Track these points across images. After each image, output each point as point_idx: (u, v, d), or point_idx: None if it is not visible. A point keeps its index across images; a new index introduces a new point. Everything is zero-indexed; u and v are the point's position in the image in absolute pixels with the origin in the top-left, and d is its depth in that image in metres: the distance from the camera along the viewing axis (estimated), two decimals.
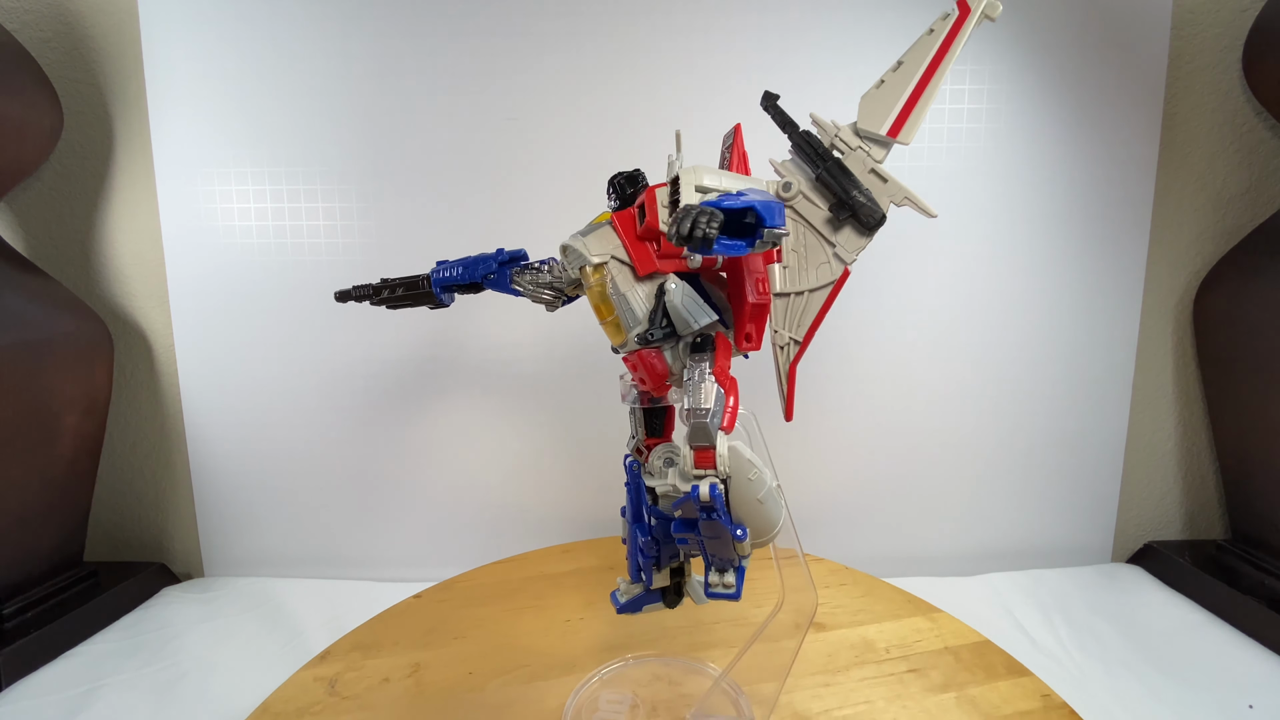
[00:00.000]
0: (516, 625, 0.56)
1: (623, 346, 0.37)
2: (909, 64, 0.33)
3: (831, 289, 0.35)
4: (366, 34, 0.66)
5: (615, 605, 0.44)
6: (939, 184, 0.67)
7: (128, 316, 0.71)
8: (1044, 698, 0.46)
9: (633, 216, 0.35)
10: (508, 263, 0.41)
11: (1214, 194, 0.70)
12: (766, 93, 0.37)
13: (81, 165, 0.69)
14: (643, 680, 0.48)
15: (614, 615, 0.53)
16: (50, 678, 0.55)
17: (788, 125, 0.36)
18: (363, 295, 0.45)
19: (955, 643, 0.52)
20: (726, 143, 0.38)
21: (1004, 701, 0.45)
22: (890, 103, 0.33)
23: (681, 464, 0.33)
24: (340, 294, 0.46)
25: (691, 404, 0.32)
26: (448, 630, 0.55)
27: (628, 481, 0.42)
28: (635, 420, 0.42)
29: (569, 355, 0.70)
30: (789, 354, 0.36)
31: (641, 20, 0.66)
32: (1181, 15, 0.67)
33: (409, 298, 0.44)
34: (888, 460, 0.72)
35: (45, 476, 0.61)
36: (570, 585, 0.62)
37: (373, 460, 0.72)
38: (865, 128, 0.34)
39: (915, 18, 0.65)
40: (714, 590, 0.35)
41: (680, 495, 0.33)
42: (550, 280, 0.40)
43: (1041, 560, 0.73)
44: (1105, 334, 0.71)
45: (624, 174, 0.36)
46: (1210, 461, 0.74)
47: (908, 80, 0.33)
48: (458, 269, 0.42)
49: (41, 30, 0.66)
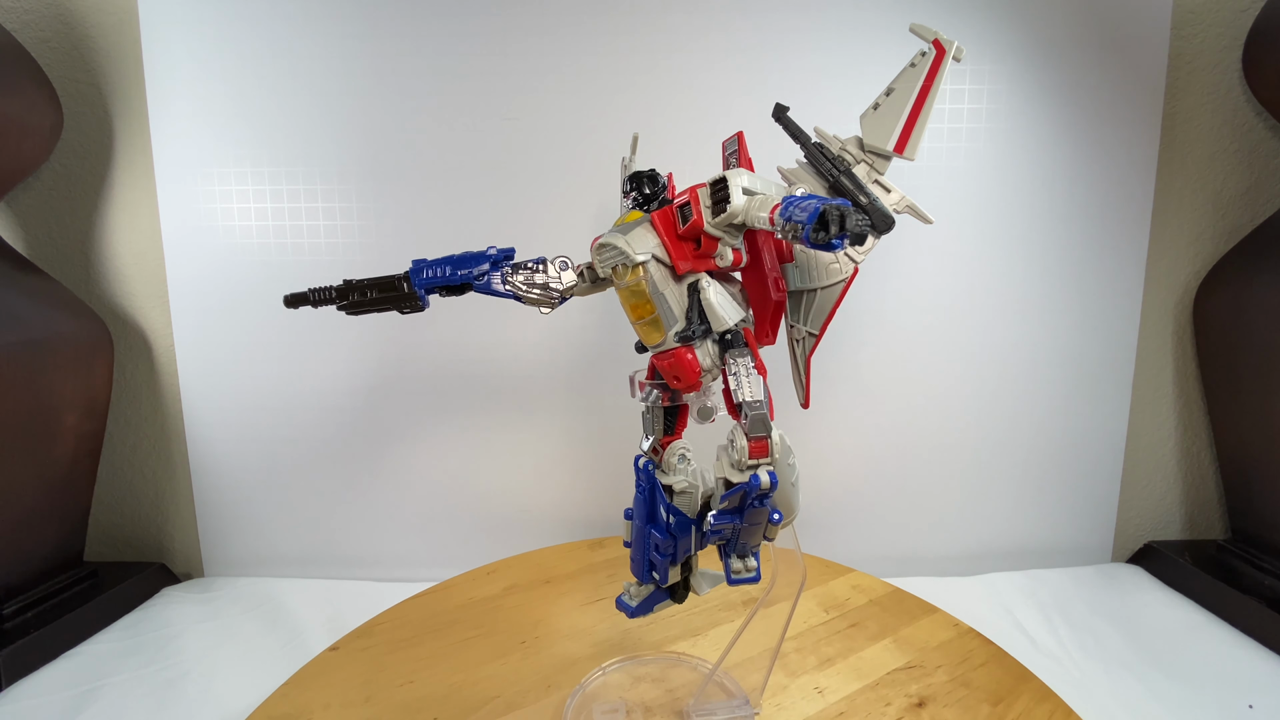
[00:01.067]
0: (466, 656, 0.52)
1: (659, 345, 0.37)
2: (900, 90, 0.36)
3: (844, 285, 0.38)
4: (366, 34, 0.66)
5: (626, 611, 0.43)
6: (939, 184, 0.67)
7: (128, 316, 0.71)
8: (954, 626, 0.56)
9: (671, 216, 0.36)
10: (500, 261, 0.39)
11: (1214, 194, 0.70)
12: (778, 104, 0.39)
13: (81, 165, 0.69)
14: (626, 685, 0.48)
15: (572, 628, 0.55)
16: (50, 678, 0.55)
17: (799, 136, 0.38)
18: (323, 299, 0.39)
19: (878, 594, 0.61)
20: (730, 149, 0.39)
21: (929, 636, 0.54)
22: (892, 123, 0.36)
23: (735, 455, 0.34)
24: (292, 298, 0.39)
25: (745, 397, 0.34)
26: (387, 680, 0.49)
27: (640, 484, 0.41)
28: (653, 420, 0.41)
29: (570, 355, 0.70)
30: (806, 346, 0.39)
31: (642, 20, 0.66)
32: (1181, 15, 0.67)
33: (384, 300, 0.39)
34: (887, 460, 0.72)
35: (45, 476, 0.61)
36: (511, 607, 0.59)
37: (373, 460, 0.72)
38: (872, 144, 0.37)
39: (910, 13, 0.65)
40: (738, 576, 0.36)
41: (734, 487, 0.33)
42: (545, 280, 0.39)
43: (1041, 560, 0.73)
44: (1105, 334, 0.71)
45: (643, 173, 0.37)
46: (1210, 461, 0.74)
47: (903, 104, 0.36)
48: (444, 268, 0.39)
49: (41, 30, 0.66)
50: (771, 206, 0.31)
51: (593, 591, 0.61)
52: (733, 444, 0.34)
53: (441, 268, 0.39)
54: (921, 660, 0.51)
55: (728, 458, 0.35)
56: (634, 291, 0.35)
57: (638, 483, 0.41)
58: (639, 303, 0.36)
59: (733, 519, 0.34)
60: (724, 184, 0.33)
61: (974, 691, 0.47)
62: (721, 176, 0.34)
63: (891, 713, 0.45)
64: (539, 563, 0.67)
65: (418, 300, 0.39)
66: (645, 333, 0.37)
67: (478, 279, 0.39)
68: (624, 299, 0.36)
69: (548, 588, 0.62)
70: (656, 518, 0.40)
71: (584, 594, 0.61)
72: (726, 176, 0.33)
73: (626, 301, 0.36)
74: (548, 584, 0.63)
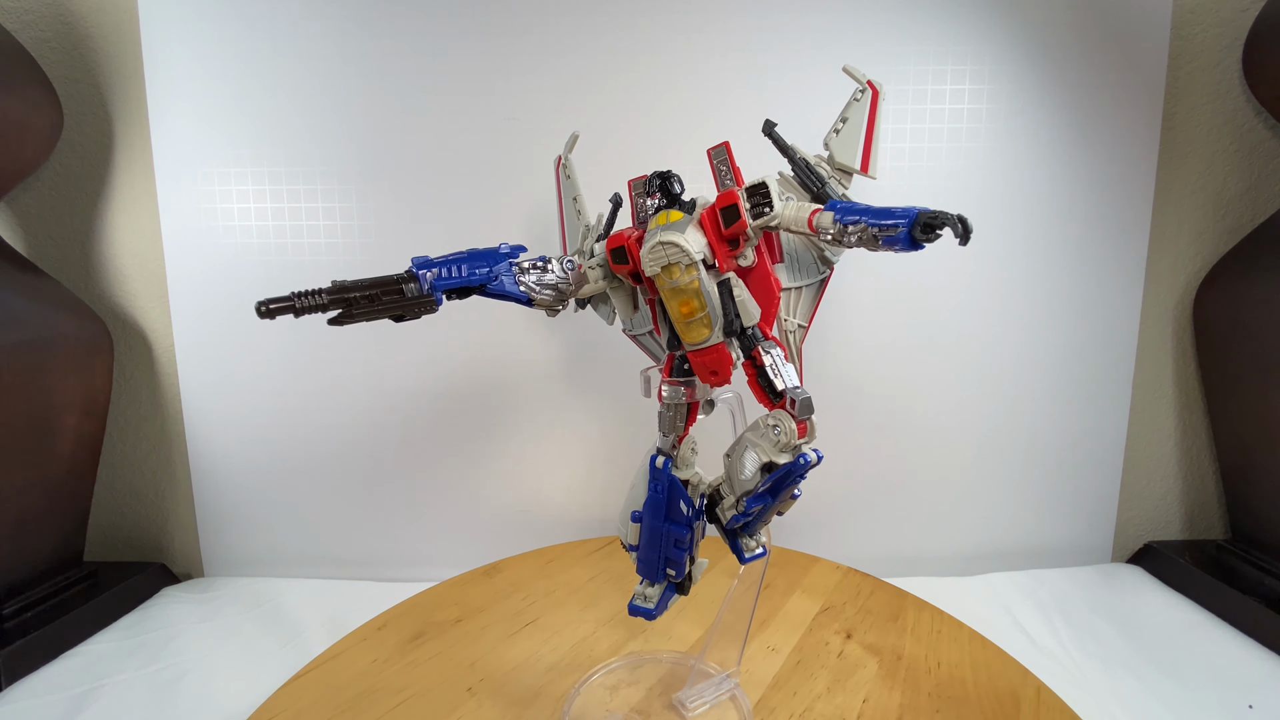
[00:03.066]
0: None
1: (704, 342, 0.37)
2: (853, 120, 0.41)
3: (822, 282, 0.42)
4: (366, 34, 0.66)
5: (646, 614, 0.42)
6: (939, 183, 0.67)
7: (128, 316, 0.71)
8: (837, 569, 0.65)
9: (715, 217, 0.37)
10: (513, 260, 0.38)
11: (1214, 194, 0.70)
12: (767, 121, 0.42)
13: (81, 165, 0.69)
14: (625, 684, 0.48)
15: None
16: (50, 678, 0.55)
17: (787, 150, 0.42)
18: (310, 306, 0.33)
19: None
20: (720, 158, 0.41)
21: (824, 580, 0.63)
22: (854, 147, 0.41)
23: (784, 438, 0.35)
24: (269, 307, 0.32)
25: (789, 383, 0.36)
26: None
27: (659, 483, 0.40)
28: (675, 417, 0.41)
29: (571, 353, 0.70)
30: (797, 338, 0.42)
31: (643, 21, 0.66)
32: (1181, 15, 0.67)
33: (391, 305, 0.35)
34: (887, 460, 0.72)
35: (45, 476, 0.61)
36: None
37: (373, 460, 0.72)
38: (842, 163, 0.41)
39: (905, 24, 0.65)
40: (751, 554, 0.39)
41: (781, 467, 0.35)
42: (555, 280, 0.39)
43: (1041, 560, 0.73)
44: (1105, 334, 0.71)
45: (668, 174, 0.38)
46: (1210, 461, 0.74)
47: (859, 131, 0.41)
48: (458, 267, 0.36)
49: (41, 30, 0.66)
50: (810, 213, 0.35)
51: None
52: (774, 429, 0.35)
53: (454, 266, 0.37)
54: (830, 602, 0.60)
55: (769, 442, 0.36)
56: (685, 290, 0.36)
57: (654, 483, 0.41)
58: (688, 300, 0.36)
59: (764, 500, 0.36)
60: (765, 189, 0.36)
61: (876, 615, 0.58)
62: (761, 182, 0.36)
63: (833, 648, 0.53)
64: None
65: (432, 303, 0.36)
66: (691, 330, 0.37)
67: (492, 280, 0.37)
68: (670, 298, 0.37)
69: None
70: (676, 514, 0.40)
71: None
72: (766, 182, 0.36)
73: (673, 299, 0.37)
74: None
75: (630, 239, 0.38)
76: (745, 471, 0.37)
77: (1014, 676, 0.50)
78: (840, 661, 0.51)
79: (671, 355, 0.41)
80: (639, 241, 0.37)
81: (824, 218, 0.35)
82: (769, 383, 0.37)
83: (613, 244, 0.38)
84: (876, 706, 0.46)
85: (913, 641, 0.54)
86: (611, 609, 0.58)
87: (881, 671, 0.50)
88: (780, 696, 0.47)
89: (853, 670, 0.50)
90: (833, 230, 0.34)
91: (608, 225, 0.45)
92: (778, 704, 0.47)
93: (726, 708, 0.46)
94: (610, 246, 0.38)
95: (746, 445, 0.37)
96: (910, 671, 0.50)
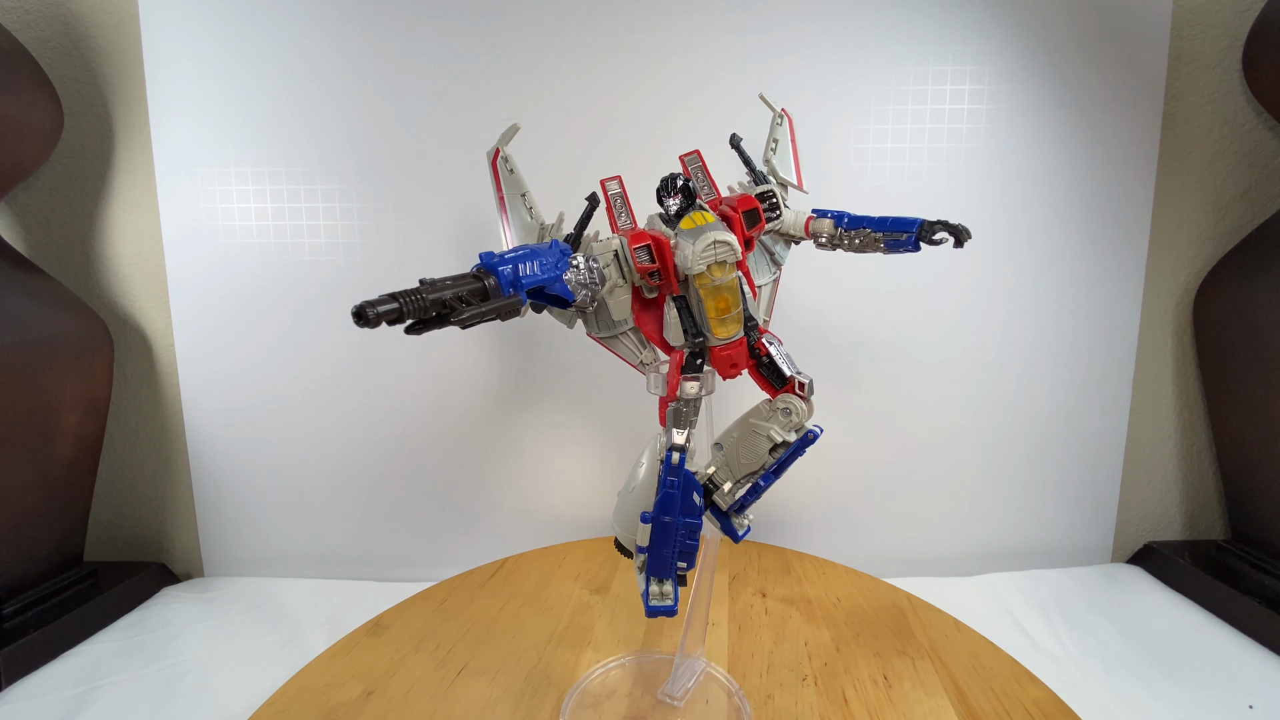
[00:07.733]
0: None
1: (731, 337, 0.39)
2: (782, 141, 0.47)
3: (775, 282, 0.46)
4: (366, 34, 0.66)
5: (668, 612, 0.40)
6: (938, 183, 0.67)
7: (128, 316, 0.71)
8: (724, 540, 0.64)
9: (739, 219, 0.39)
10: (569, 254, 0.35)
11: (1214, 194, 0.70)
12: (733, 134, 0.46)
13: (81, 165, 0.69)
14: (623, 683, 0.49)
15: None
16: (50, 678, 0.55)
17: (749, 163, 0.46)
18: (415, 309, 0.28)
19: None
20: (694, 165, 0.44)
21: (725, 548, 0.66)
22: (789, 164, 0.47)
23: (796, 419, 0.39)
24: (370, 314, 0.26)
25: (796, 370, 0.40)
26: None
27: (674, 481, 0.39)
28: (690, 412, 0.40)
29: (571, 353, 0.70)
30: None
31: (643, 21, 0.66)
32: (1181, 15, 0.67)
33: (492, 310, 0.30)
34: (886, 460, 0.72)
35: (45, 476, 0.61)
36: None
37: (373, 460, 0.72)
38: (783, 177, 0.46)
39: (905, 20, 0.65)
40: (743, 530, 0.41)
41: (794, 443, 0.38)
42: (586, 279, 0.36)
43: (1041, 560, 0.73)
44: (1105, 334, 0.71)
45: (676, 175, 0.39)
46: (1210, 461, 0.74)
47: (788, 151, 0.47)
48: (530, 264, 0.32)
49: (41, 30, 0.66)
50: (805, 219, 0.42)
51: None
52: (783, 412, 0.39)
53: (528, 263, 0.33)
54: (734, 570, 0.65)
55: (779, 423, 0.39)
56: (725, 288, 0.37)
57: (668, 480, 0.39)
58: (725, 297, 0.37)
59: (772, 477, 0.39)
60: (773, 195, 0.40)
61: (773, 572, 0.65)
62: (770, 189, 0.41)
63: (758, 609, 0.59)
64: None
65: (518, 304, 0.32)
66: (725, 326, 0.38)
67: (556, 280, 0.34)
68: (709, 295, 0.37)
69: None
70: (690, 507, 0.40)
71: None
72: (774, 190, 0.40)
73: (712, 297, 0.37)
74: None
75: (660, 238, 0.38)
76: (756, 453, 0.39)
77: (889, 592, 0.61)
78: (769, 618, 0.57)
79: (681, 353, 0.41)
80: (656, 241, 0.38)
81: (821, 223, 0.41)
82: (775, 371, 0.40)
83: (638, 241, 0.38)
84: (817, 645, 0.53)
85: (810, 587, 0.62)
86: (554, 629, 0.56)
87: (803, 617, 0.57)
88: (744, 660, 0.51)
89: (783, 622, 0.57)
90: (829, 235, 0.40)
91: (580, 225, 0.42)
92: (747, 668, 0.50)
93: (708, 685, 0.48)
94: (635, 244, 0.38)
95: (752, 429, 0.39)
96: (823, 610, 0.58)
